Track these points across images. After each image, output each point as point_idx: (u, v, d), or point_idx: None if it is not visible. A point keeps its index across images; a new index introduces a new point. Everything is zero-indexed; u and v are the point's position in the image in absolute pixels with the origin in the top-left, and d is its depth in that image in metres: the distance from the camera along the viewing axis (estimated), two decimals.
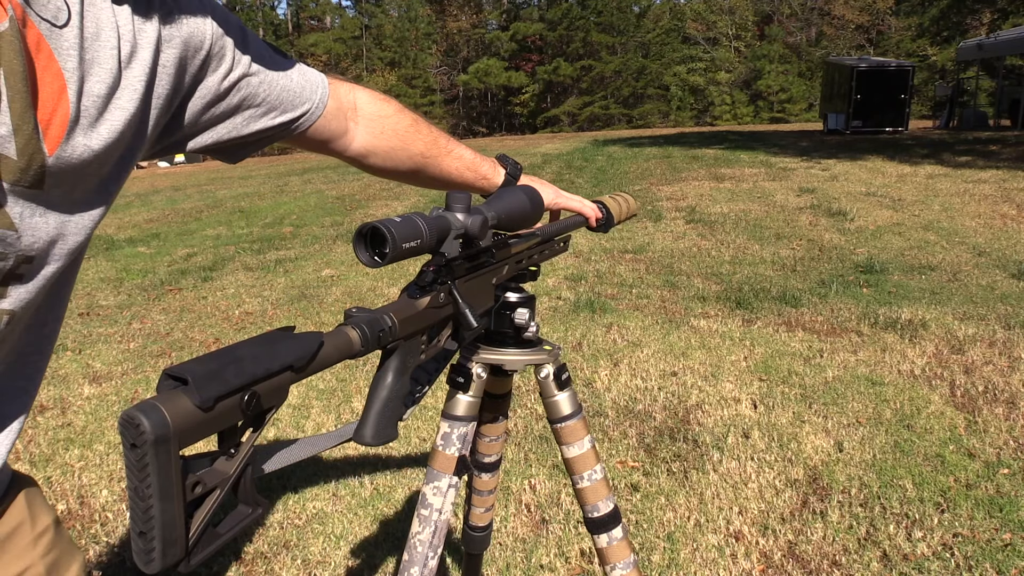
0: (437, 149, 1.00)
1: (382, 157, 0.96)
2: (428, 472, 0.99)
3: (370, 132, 0.93)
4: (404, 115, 0.97)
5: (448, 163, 1.03)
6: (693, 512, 2.12)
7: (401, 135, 0.95)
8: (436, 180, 1.04)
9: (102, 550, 2.06)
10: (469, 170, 1.06)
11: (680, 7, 42.85)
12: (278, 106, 0.78)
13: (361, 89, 0.93)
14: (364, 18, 42.27)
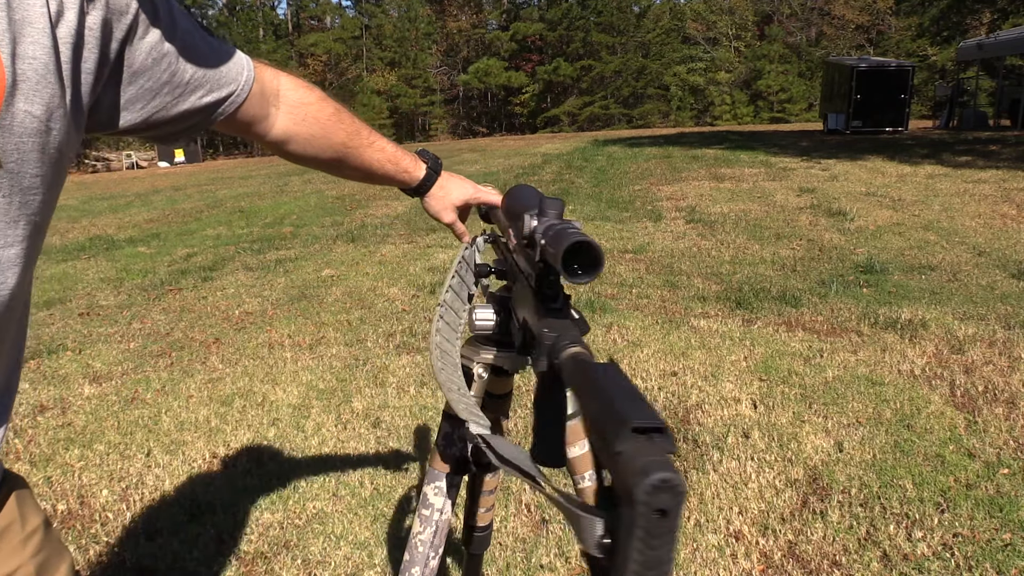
0: (359, 140, 1.01)
1: (302, 144, 0.95)
2: (429, 472, 0.99)
3: (291, 119, 0.92)
4: (327, 104, 0.96)
5: (370, 154, 1.03)
6: (693, 512, 2.12)
7: (323, 123, 0.95)
8: (357, 171, 1.04)
9: (102, 550, 2.06)
10: (390, 163, 1.06)
11: (680, 7, 42.87)
12: (205, 84, 0.76)
13: (285, 75, 0.92)
14: (364, 18, 42.27)
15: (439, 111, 40.41)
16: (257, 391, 3.19)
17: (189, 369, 3.51)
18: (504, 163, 13.82)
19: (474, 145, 22.74)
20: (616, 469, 0.39)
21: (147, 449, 2.68)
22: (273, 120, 0.90)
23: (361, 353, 3.61)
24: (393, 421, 2.82)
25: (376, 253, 6.02)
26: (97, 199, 12.54)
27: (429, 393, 3.07)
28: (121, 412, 3.03)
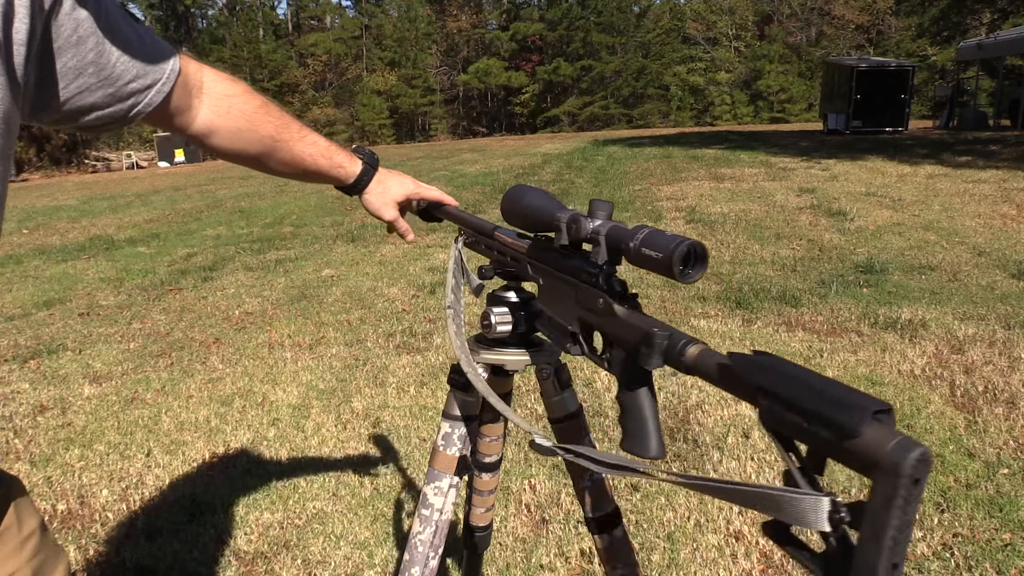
0: (289, 133, 0.98)
1: (227, 137, 0.92)
2: (429, 472, 0.99)
3: (214, 111, 0.89)
4: (253, 96, 0.94)
5: (301, 148, 0.99)
6: (693, 512, 2.12)
7: (249, 116, 0.93)
8: (287, 165, 1.00)
9: (102, 550, 2.06)
10: (323, 157, 1.02)
11: (680, 7, 42.87)
12: (132, 70, 0.73)
13: (208, 68, 0.90)
14: (364, 18, 42.27)
15: (439, 111, 40.41)
16: (257, 391, 3.19)
17: (189, 369, 3.51)
18: (504, 163, 13.82)
19: (474, 145, 22.75)
20: (860, 451, 0.45)
21: (147, 449, 2.68)
22: (196, 112, 0.87)
23: (361, 353, 3.61)
24: (393, 421, 2.82)
25: (376, 253, 6.02)
26: (97, 199, 12.54)
27: (429, 393, 3.07)
28: (121, 412, 3.03)
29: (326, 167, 1.03)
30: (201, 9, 40.35)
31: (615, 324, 0.72)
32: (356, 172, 1.07)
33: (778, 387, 0.52)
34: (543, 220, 0.83)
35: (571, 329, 0.80)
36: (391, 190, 1.11)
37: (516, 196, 0.88)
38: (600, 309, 0.74)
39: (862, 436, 0.45)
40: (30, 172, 30.42)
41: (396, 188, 1.12)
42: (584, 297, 0.78)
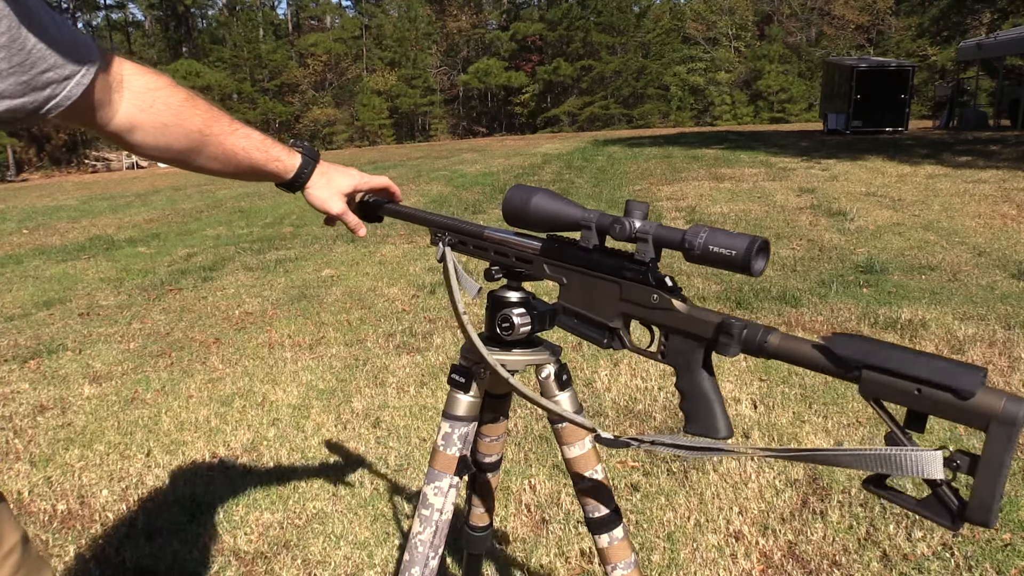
0: (219, 127, 0.92)
1: (151, 133, 0.86)
2: (429, 472, 0.99)
3: (136, 105, 0.84)
4: (177, 90, 0.88)
5: (233, 142, 0.94)
6: (693, 512, 2.12)
7: (174, 110, 0.87)
8: (218, 160, 0.94)
9: (102, 550, 2.06)
10: (258, 151, 0.96)
11: (680, 7, 42.87)
12: (49, 58, 0.69)
13: (128, 61, 0.85)
14: (364, 18, 42.27)
15: (439, 111, 40.41)
16: (257, 391, 3.19)
17: (189, 369, 3.51)
18: (504, 163, 13.82)
19: (474, 145, 22.75)
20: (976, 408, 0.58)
21: (147, 449, 2.68)
22: (116, 107, 0.82)
23: (361, 353, 3.61)
24: (393, 421, 2.82)
25: (376, 253, 6.02)
26: (97, 199, 12.55)
27: (429, 393, 3.07)
28: (121, 412, 3.03)
29: (262, 161, 0.97)
30: (201, 9, 40.35)
31: (675, 318, 0.78)
32: (295, 165, 1.00)
33: (888, 363, 0.62)
34: (565, 222, 0.85)
35: (612, 325, 0.84)
36: (335, 181, 1.05)
37: (524, 197, 0.87)
38: (654, 304, 0.79)
39: (977, 396, 0.58)
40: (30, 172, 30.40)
41: (341, 179, 1.05)
42: (631, 293, 0.81)
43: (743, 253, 0.69)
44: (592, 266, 0.85)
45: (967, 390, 0.58)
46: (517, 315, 0.93)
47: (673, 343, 0.79)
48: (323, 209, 1.06)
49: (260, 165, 0.98)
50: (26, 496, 2.39)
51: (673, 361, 0.80)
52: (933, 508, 0.62)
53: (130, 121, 0.85)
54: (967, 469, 0.59)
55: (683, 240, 0.74)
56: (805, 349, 0.68)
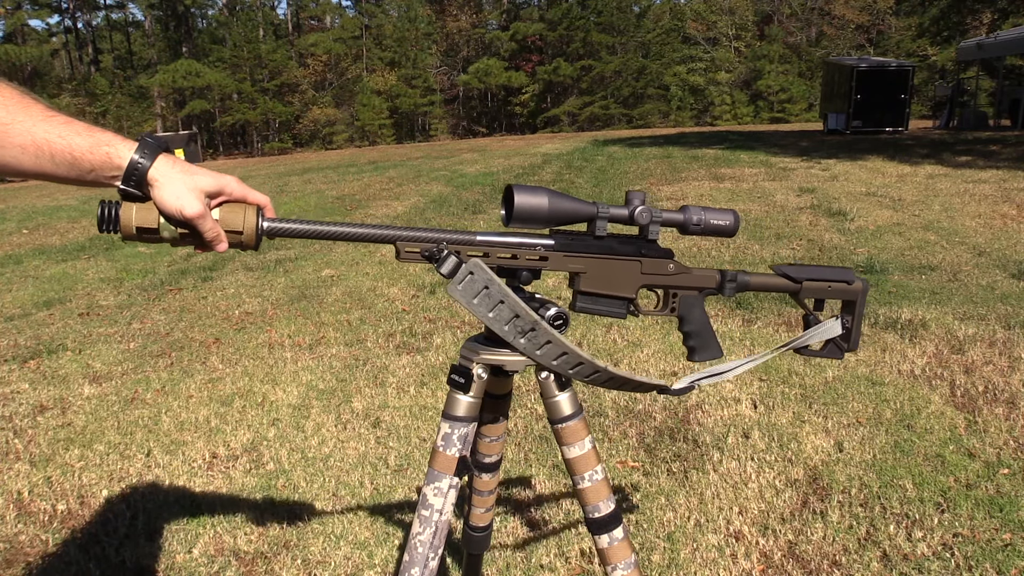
0: (28, 114, 0.75)
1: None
2: (429, 472, 0.99)
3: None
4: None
5: (47, 128, 0.75)
6: (693, 512, 2.12)
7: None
8: (28, 152, 0.75)
9: (102, 550, 2.06)
10: (81, 135, 0.76)
11: (680, 7, 42.85)
12: None
13: None
14: (364, 18, 42.26)
15: (439, 111, 40.40)
16: (257, 391, 3.19)
17: (189, 369, 3.51)
18: (504, 163, 13.81)
19: (474, 145, 22.74)
20: (852, 289, 1.09)
21: (147, 449, 2.68)
22: None
23: (361, 353, 3.61)
24: (393, 421, 2.82)
25: (376, 253, 6.02)
26: (97, 199, 12.51)
27: (429, 393, 3.07)
28: (121, 412, 3.03)
29: (85, 147, 0.76)
30: (201, 9, 40.34)
31: (688, 278, 1.03)
32: (130, 151, 0.77)
33: (813, 274, 1.07)
34: (581, 216, 0.94)
35: (632, 298, 1.00)
36: (194, 176, 0.80)
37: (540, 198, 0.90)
38: (671, 272, 1.01)
39: (854, 282, 1.08)
40: None
41: (201, 177, 0.81)
42: (651, 268, 1.00)
43: (733, 222, 0.98)
44: (613, 251, 0.97)
45: (850, 279, 1.08)
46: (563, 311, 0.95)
47: (684, 298, 1.05)
48: (176, 212, 0.78)
49: (83, 153, 0.75)
50: (26, 496, 2.39)
51: (684, 312, 1.06)
52: (831, 351, 1.10)
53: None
54: (848, 324, 1.09)
55: (687, 219, 0.97)
56: (771, 279, 1.07)
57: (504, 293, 0.88)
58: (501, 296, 0.88)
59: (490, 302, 0.88)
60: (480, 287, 0.88)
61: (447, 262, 0.87)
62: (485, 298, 0.88)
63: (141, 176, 0.77)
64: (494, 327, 0.90)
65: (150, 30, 40.23)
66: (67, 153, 0.76)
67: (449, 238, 0.90)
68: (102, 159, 0.76)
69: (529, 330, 0.90)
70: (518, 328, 0.90)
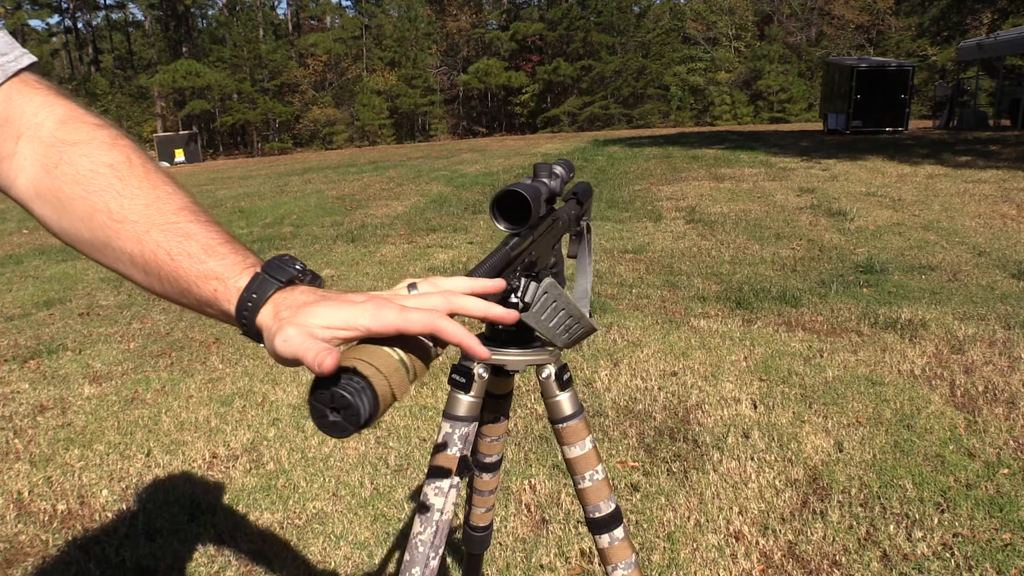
0: (146, 214, 0.58)
1: (50, 206, 0.60)
2: (429, 472, 0.99)
3: (43, 163, 0.59)
4: (108, 145, 0.60)
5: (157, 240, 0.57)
6: (693, 512, 2.12)
7: (83, 175, 0.59)
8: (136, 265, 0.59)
9: (102, 550, 2.06)
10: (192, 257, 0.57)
11: (680, 7, 42.85)
12: None
13: (66, 102, 0.61)
14: (364, 18, 42.27)
15: (439, 111, 40.40)
16: (257, 391, 3.19)
17: (189, 369, 3.51)
18: (504, 163, 13.81)
19: (474, 145, 22.75)
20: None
21: (147, 449, 2.68)
22: (20, 166, 0.60)
23: None
24: (393, 421, 2.82)
25: (376, 253, 6.02)
26: None
27: (429, 393, 3.07)
28: (121, 412, 3.03)
29: (192, 276, 0.57)
30: (201, 9, 40.34)
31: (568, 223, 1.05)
32: (240, 290, 0.55)
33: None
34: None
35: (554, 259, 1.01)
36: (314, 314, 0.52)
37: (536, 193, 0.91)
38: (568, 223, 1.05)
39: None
40: None
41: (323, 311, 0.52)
42: (561, 229, 1.02)
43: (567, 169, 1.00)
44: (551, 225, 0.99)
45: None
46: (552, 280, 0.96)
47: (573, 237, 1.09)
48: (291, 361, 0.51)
49: (190, 283, 0.57)
50: (26, 496, 2.39)
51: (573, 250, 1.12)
52: None
53: (36, 187, 0.60)
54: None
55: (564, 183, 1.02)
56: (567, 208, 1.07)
57: (568, 302, 0.86)
58: (564, 305, 0.86)
59: (556, 315, 0.85)
60: (551, 302, 0.84)
61: (528, 290, 0.79)
62: (552, 312, 0.85)
63: (250, 324, 0.54)
64: (552, 336, 0.88)
65: (150, 30, 40.23)
66: (173, 279, 0.57)
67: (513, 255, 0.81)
68: (209, 296, 0.56)
69: (574, 325, 0.90)
70: (570, 329, 0.89)
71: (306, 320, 0.50)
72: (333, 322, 0.50)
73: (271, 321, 0.52)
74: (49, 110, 0.60)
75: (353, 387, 0.46)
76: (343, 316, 0.50)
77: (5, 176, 0.60)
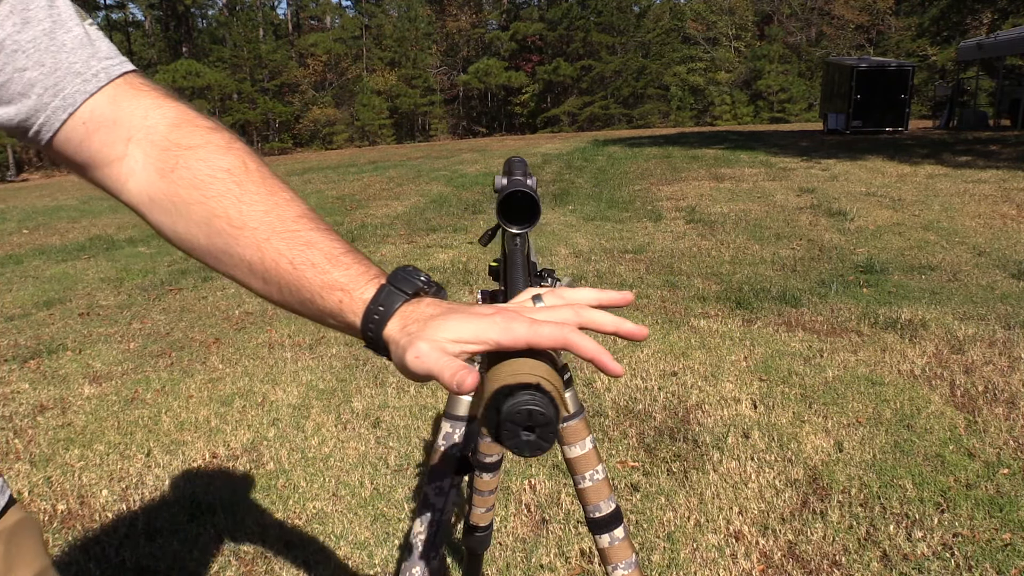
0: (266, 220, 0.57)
1: (165, 211, 0.59)
2: (430, 472, 0.99)
3: (157, 167, 0.59)
4: (223, 149, 0.60)
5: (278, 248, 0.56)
6: (693, 512, 2.12)
7: (201, 179, 0.58)
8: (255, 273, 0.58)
9: (102, 550, 2.06)
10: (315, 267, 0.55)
11: (680, 7, 42.87)
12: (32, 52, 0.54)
13: (175, 104, 0.61)
14: (364, 18, 42.28)
15: (439, 111, 40.41)
16: (257, 391, 3.19)
17: (189, 369, 3.51)
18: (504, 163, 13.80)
19: (474, 145, 22.75)
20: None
21: (147, 449, 2.68)
22: (130, 168, 0.60)
23: (361, 353, 3.61)
24: (393, 421, 2.82)
25: (376, 253, 6.02)
26: (97, 199, 12.54)
27: (429, 393, 3.07)
28: (121, 412, 3.03)
29: (316, 286, 0.56)
30: (201, 9, 40.35)
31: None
32: (367, 301, 0.54)
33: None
34: None
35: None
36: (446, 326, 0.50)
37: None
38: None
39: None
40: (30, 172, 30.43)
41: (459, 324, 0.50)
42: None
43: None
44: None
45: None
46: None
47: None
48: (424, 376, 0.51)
49: (313, 294, 0.56)
50: (26, 496, 2.39)
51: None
52: None
53: (149, 190, 0.59)
54: None
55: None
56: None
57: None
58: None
59: None
60: None
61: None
62: None
63: (376, 337, 0.53)
64: None
65: (150, 30, 40.24)
66: (295, 288, 0.56)
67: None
68: (333, 307, 0.55)
69: None
70: None
71: (436, 334, 0.49)
72: (463, 335, 0.49)
73: (399, 335, 0.51)
74: (160, 112, 0.60)
75: (546, 404, 0.44)
76: (472, 330, 0.49)
77: (115, 179, 0.60)
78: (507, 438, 0.44)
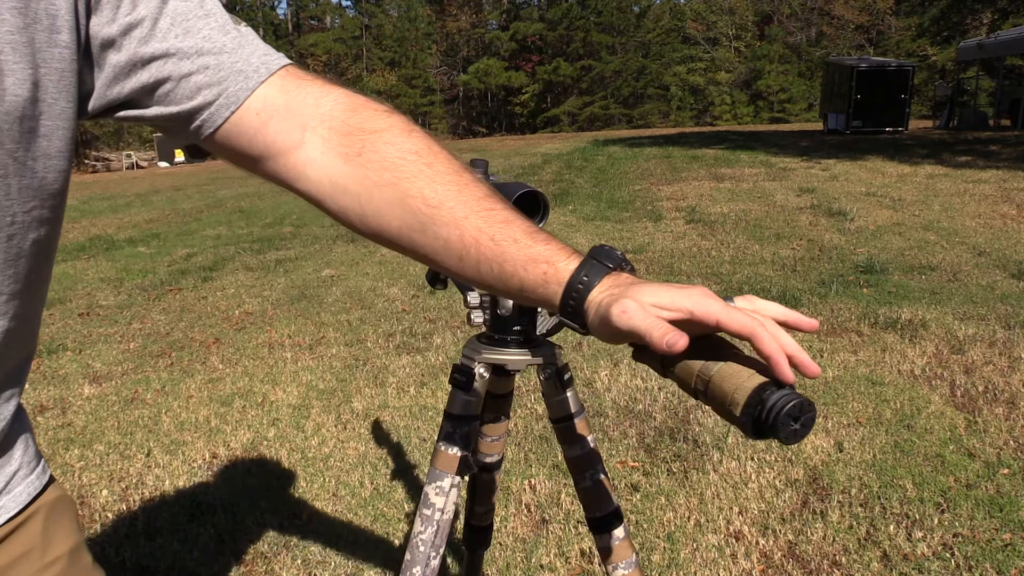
0: (459, 199, 0.59)
1: (355, 196, 0.60)
2: (430, 472, 0.99)
3: (340, 152, 0.60)
4: (406, 132, 0.62)
5: (478, 225, 0.58)
6: (693, 512, 2.12)
7: (392, 162, 0.60)
8: (451, 250, 0.60)
9: (102, 550, 2.06)
10: (517, 243, 0.58)
11: (680, 7, 42.89)
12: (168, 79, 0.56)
13: (340, 89, 0.63)
14: (364, 18, 42.28)
15: (439, 111, 40.42)
16: (257, 391, 3.19)
17: (189, 369, 3.51)
18: (504, 163, 13.81)
19: (474, 145, 22.75)
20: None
21: (147, 449, 2.68)
22: (307, 155, 0.60)
23: (361, 353, 3.61)
24: (393, 421, 2.82)
25: (376, 253, 6.02)
26: (97, 199, 12.55)
27: (429, 393, 3.07)
28: (121, 412, 3.03)
29: (520, 260, 0.58)
30: None
31: None
32: (571, 271, 0.57)
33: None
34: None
35: None
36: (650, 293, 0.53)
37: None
38: None
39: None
40: None
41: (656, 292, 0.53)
42: None
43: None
44: None
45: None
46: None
47: None
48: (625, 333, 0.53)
49: (516, 267, 0.58)
50: None
51: None
52: None
53: (331, 176, 0.60)
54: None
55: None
56: None
57: None
58: None
59: None
60: None
61: None
62: None
63: (578, 304, 0.56)
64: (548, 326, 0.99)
65: None
66: (496, 263, 0.58)
67: None
68: (537, 279, 0.58)
69: None
70: None
71: (638, 295, 0.53)
72: (661, 300, 0.52)
73: (601, 296, 0.55)
74: (331, 99, 0.61)
75: (808, 399, 0.50)
76: (670, 296, 0.52)
77: (293, 167, 0.60)
78: (778, 424, 0.48)
